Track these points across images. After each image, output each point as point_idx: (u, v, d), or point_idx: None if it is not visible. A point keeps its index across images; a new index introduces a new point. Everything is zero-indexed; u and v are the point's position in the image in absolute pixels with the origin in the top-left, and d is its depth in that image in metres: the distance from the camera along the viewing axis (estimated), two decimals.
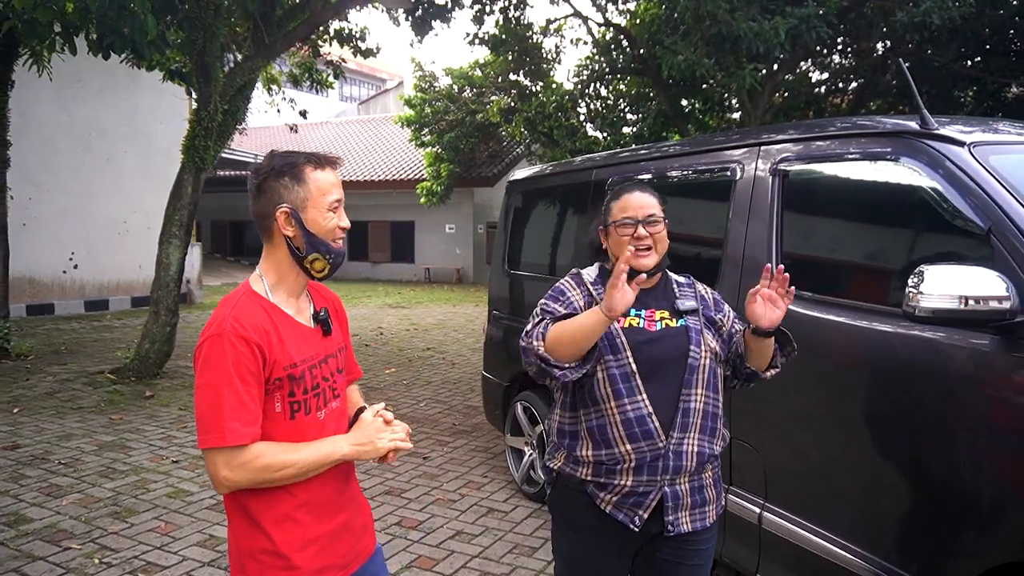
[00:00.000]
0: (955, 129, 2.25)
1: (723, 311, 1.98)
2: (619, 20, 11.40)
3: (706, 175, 3.16)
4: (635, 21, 11.05)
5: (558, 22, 12.40)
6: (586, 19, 11.50)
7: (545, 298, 1.93)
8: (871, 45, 9.79)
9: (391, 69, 37.39)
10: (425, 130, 18.37)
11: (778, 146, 2.79)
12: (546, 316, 1.84)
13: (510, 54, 12.01)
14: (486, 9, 10.52)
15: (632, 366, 1.80)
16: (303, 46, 10.32)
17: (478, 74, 16.51)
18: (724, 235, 2.93)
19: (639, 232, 1.85)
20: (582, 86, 12.57)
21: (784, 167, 2.71)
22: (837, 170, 2.59)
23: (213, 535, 3.68)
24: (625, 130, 13.03)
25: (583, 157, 4.57)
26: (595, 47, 11.89)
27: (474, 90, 17.04)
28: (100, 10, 5.24)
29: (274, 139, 24.13)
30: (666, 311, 1.89)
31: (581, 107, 13.43)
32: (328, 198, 1.51)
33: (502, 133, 17.24)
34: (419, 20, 9.17)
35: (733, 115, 12.27)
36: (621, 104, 13.33)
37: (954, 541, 2.03)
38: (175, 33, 7.14)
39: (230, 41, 7.75)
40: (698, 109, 12.35)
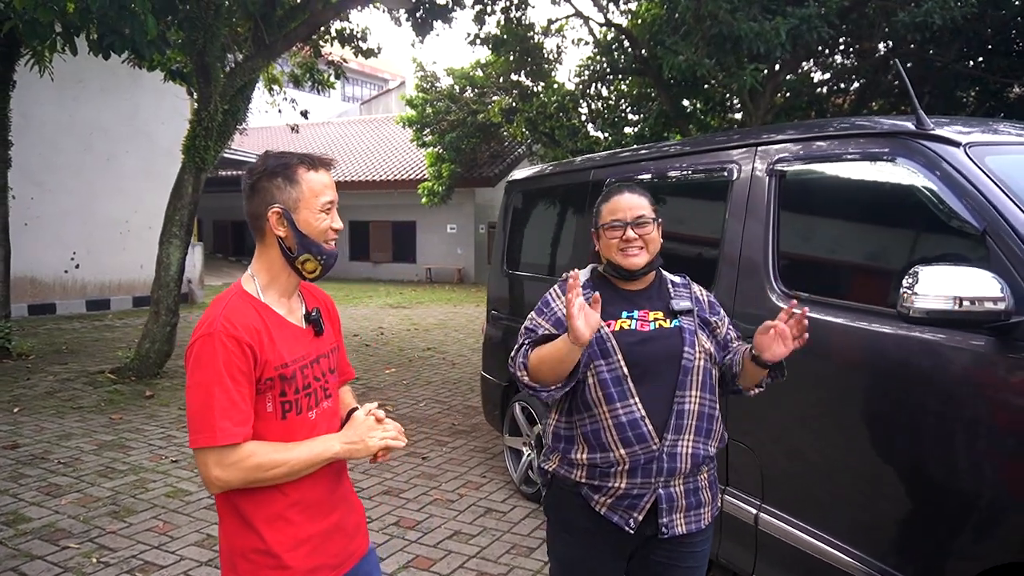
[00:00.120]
0: (951, 130, 2.24)
1: (718, 314, 1.98)
2: (620, 20, 11.40)
3: (704, 175, 3.16)
4: (636, 21, 11.05)
5: (559, 22, 12.41)
6: (587, 19, 11.49)
7: (533, 311, 1.95)
8: (873, 45, 9.77)
9: (393, 69, 37.40)
10: (427, 130, 18.38)
11: (775, 146, 2.78)
12: (527, 339, 1.86)
13: (511, 54, 12.00)
14: (487, 9, 10.52)
15: (623, 369, 1.79)
16: (304, 46, 10.32)
17: (479, 74, 16.51)
18: (721, 235, 2.92)
19: (628, 234, 1.85)
20: (583, 86, 12.57)
21: (781, 167, 2.71)
22: (834, 170, 2.59)
23: (211, 535, 3.68)
24: (626, 130, 13.02)
25: (583, 157, 4.57)
26: (596, 47, 11.88)
27: (475, 90, 17.04)
28: (100, 10, 5.25)
29: (276, 139, 24.16)
30: (660, 311, 1.88)
31: (582, 107, 13.42)
32: (321, 199, 1.51)
33: (503, 133, 17.23)
34: (420, 20, 9.17)
35: (735, 115, 12.26)
36: (622, 104, 13.32)
37: (950, 542, 2.02)
38: (175, 33, 7.15)
39: (231, 41, 7.76)
40: (699, 109, 12.35)
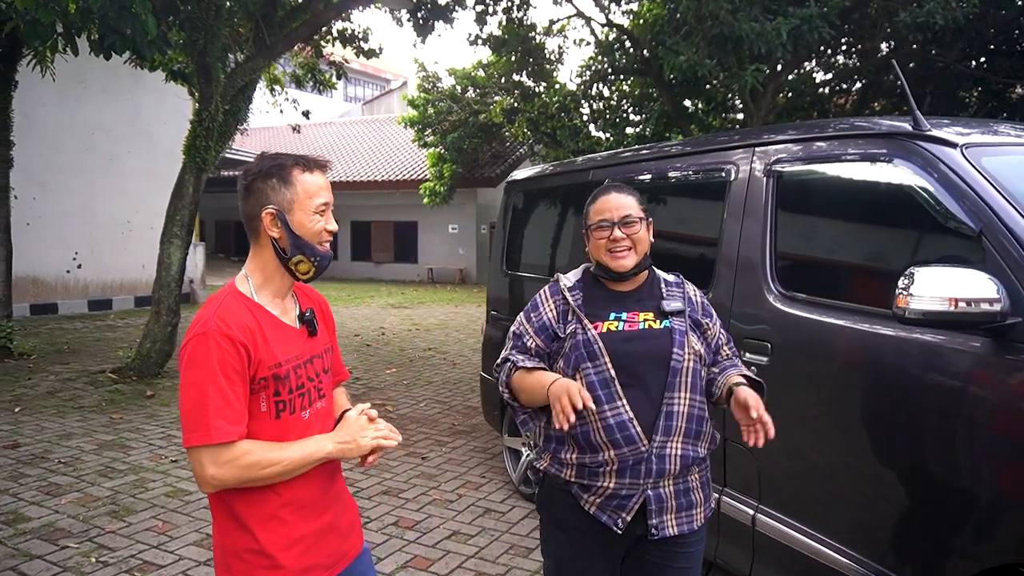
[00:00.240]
0: (948, 131, 2.24)
1: (710, 316, 1.97)
2: (622, 21, 11.40)
3: (703, 175, 3.16)
4: (638, 22, 11.05)
5: (561, 23, 12.41)
6: (589, 19, 11.49)
7: (522, 313, 1.98)
8: (875, 45, 9.76)
9: (395, 69, 37.42)
10: (428, 130, 18.38)
11: (772, 147, 2.78)
12: (514, 349, 1.91)
13: (513, 55, 12.01)
14: (489, 10, 10.52)
15: (610, 372, 1.78)
16: (305, 47, 10.33)
17: (481, 75, 16.53)
18: (719, 235, 2.92)
19: (615, 235, 1.85)
20: (585, 86, 12.57)
21: (779, 168, 2.70)
22: (832, 171, 2.59)
23: (210, 534, 3.68)
24: (628, 131, 13.02)
25: (583, 158, 4.57)
26: (598, 48, 11.88)
27: (477, 90, 17.05)
28: (101, 10, 5.26)
29: (278, 139, 24.19)
30: (651, 312, 1.88)
31: (584, 108, 13.43)
32: (315, 201, 1.51)
33: (505, 134, 17.24)
34: (421, 21, 9.18)
35: (736, 116, 12.25)
36: (624, 105, 13.32)
37: (947, 543, 2.02)
38: (177, 34, 7.16)
39: (232, 42, 7.77)
40: (701, 110, 12.34)
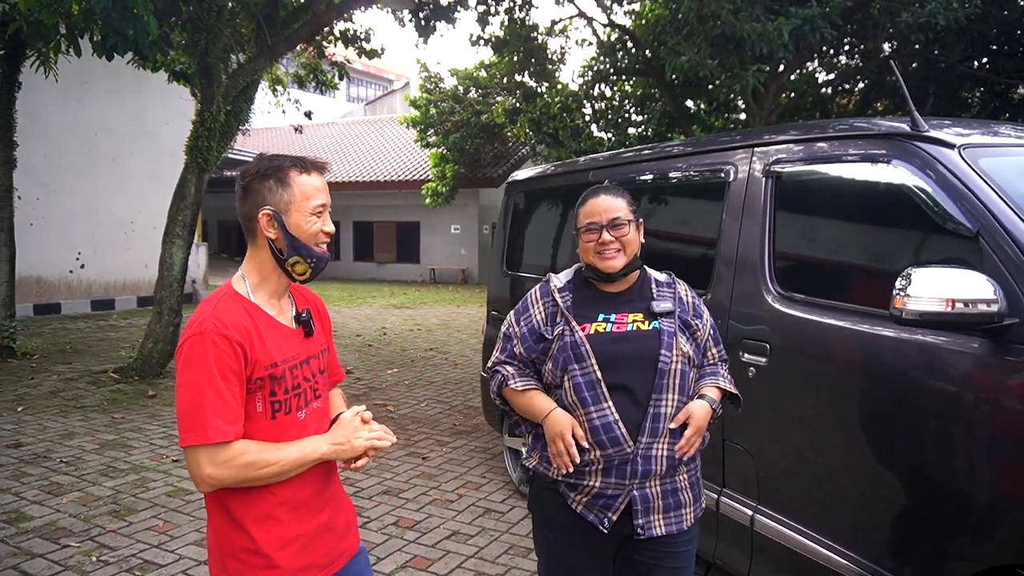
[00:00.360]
0: (947, 132, 2.24)
1: (701, 317, 1.96)
2: (624, 21, 11.40)
3: (702, 176, 3.16)
4: (640, 22, 11.06)
5: (563, 23, 12.40)
6: (591, 20, 11.49)
7: (513, 312, 2.01)
8: (877, 45, 9.75)
9: (398, 70, 37.46)
10: (430, 131, 18.39)
11: (771, 148, 2.78)
12: (504, 355, 1.96)
13: (515, 55, 12.01)
14: (491, 10, 10.53)
15: (596, 373, 1.79)
16: (307, 47, 10.35)
17: (483, 75, 16.54)
18: (718, 235, 2.92)
19: (604, 237, 1.86)
20: (587, 87, 12.57)
21: (778, 168, 2.70)
22: (830, 172, 2.59)
23: None
24: (630, 131, 13.02)
25: (584, 158, 4.58)
26: (600, 48, 11.88)
27: (479, 91, 17.06)
28: (104, 11, 5.27)
29: (280, 140, 24.22)
30: (640, 313, 1.88)
31: (586, 108, 13.43)
32: (312, 202, 1.52)
33: (507, 134, 17.24)
34: (423, 21, 9.18)
35: (739, 116, 12.24)
36: (626, 105, 13.33)
37: (946, 544, 2.02)
38: (179, 34, 7.18)
39: (233, 42, 7.78)
40: (703, 110, 12.33)
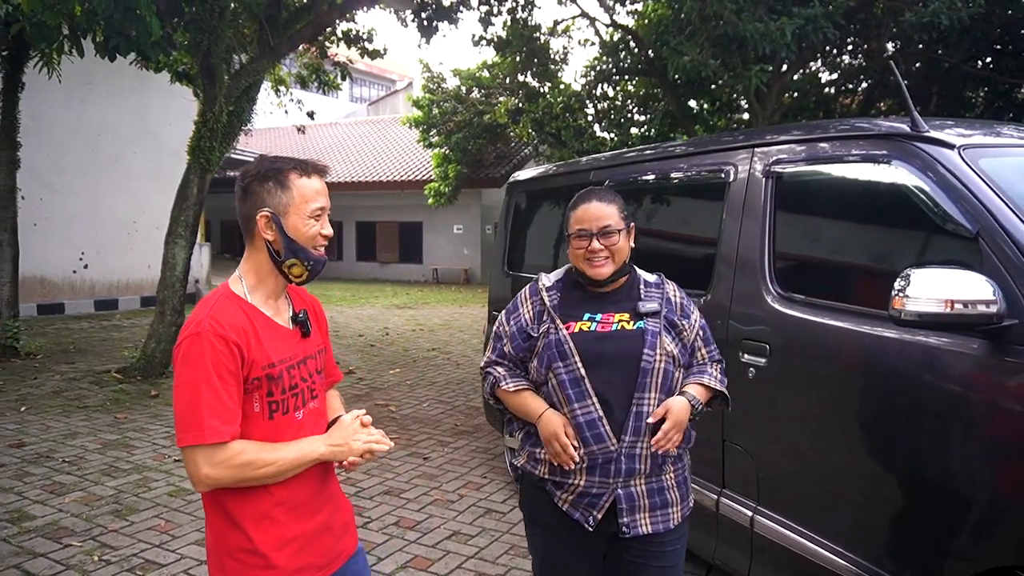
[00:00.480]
0: (947, 132, 2.23)
1: (688, 317, 1.97)
2: (626, 21, 11.39)
3: (703, 176, 3.16)
4: (642, 22, 11.04)
5: (565, 23, 12.39)
6: (593, 20, 11.48)
7: (504, 312, 2.05)
8: (881, 45, 9.73)
9: (401, 70, 37.49)
10: (433, 131, 18.41)
11: (772, 148, 2.78)
12: (495, 355, 2.00)
13: (517, 55, 12.00)
14: (493, 10, 10.53)
15: (580, 371, 1.82)
16: (310, 47, 10.36)
17: (486, 75, 16.54)
18: (718, 235, 2.92)
19: (593, 245, 1.87)
20: (589, 87, 12.56)
21: (778, 169, 2.70)
22: (831, 172, 2.58)
23: None
24: (633, 131, 13.01)
25: (586, 158, 4.58)
26: (602, 48, 11.87)
27: (482, 91, 17.06)
28: (106, 12, 5.29)
29: (283, 140, 24.25)
30: (627, 313, 1.90)
31: (588, 108, 13.42)
32: (311, 205, 1.52)
33: (510, 134, 17.24)
34: (425, 22, 9.19)
35: (742, 116, 12.23)
36: (629, 105, 13.32)
37: (946, 545, 2.01)
38: (181, 35, 7.20)
39: (235, 43, 7.80)
40: (706, 110, 12.32)
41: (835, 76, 11.34)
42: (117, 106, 12.55)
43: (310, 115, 11.30)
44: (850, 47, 10.69)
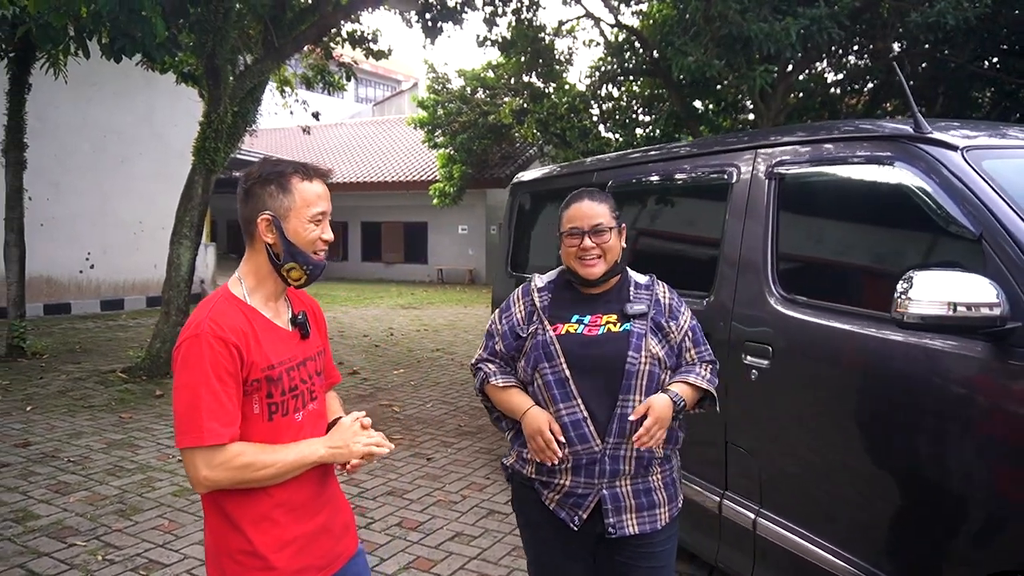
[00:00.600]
0: (951, 133, 2.22)
1: (677, 319, 1.96)
2: (631, 21, 11.38)
3: (706, 177, 3.15)
4: (647, 22, 11.03)
5: (570, 23, 12.40)
6: (598, 20, 11.49)
7: (496, 312, 2.07)
8: (886, 45, 9.69)
9: (406, 71, 37.53)
10: (438, 131, 18.42)
11: (775, 149, 2.77)
12: (486, 354, 2.02)
13: (522, 56, 12.01)
14: (498, 11, 10.54)
15: (565, 372, 1.84)
16: (315, 48, 10.39)
17: (490, 76, 16.54)
18: (721, 237, 2.91)
19: (585, 243, 1.89)
20: (594, 87, 12.56)
21: (781, 170, 2.69)
22: (834, 174, 2.57)
23: None
24: (638, 131, 13.00)
25: (590, 159, 4.58)
26: (607, 48, 11.87)
27: (487, 92, 17.06)
28: (111, 14, 5.32)
29: (288, 141, 24.31)
30: (614, 315, 1.91)
31: (593, 108, 13.41)
32: (312, 210, 1.52)
33: (515, 134, 17.25)
34: (430, 23, 9.20)
35: (747, 116, 12.20)
36: (633, 105, 13.30)
37: (948, 548, 2.00)
38: (186, 36, 7.22)
39: (240, 44, 7.83)
40: (711, 110, 12.30)
41: (841, 76, 11.29)
42: (123, 107, 12.60)
43: (315, 116, 11.33)
44: (856, 47, 10.66)
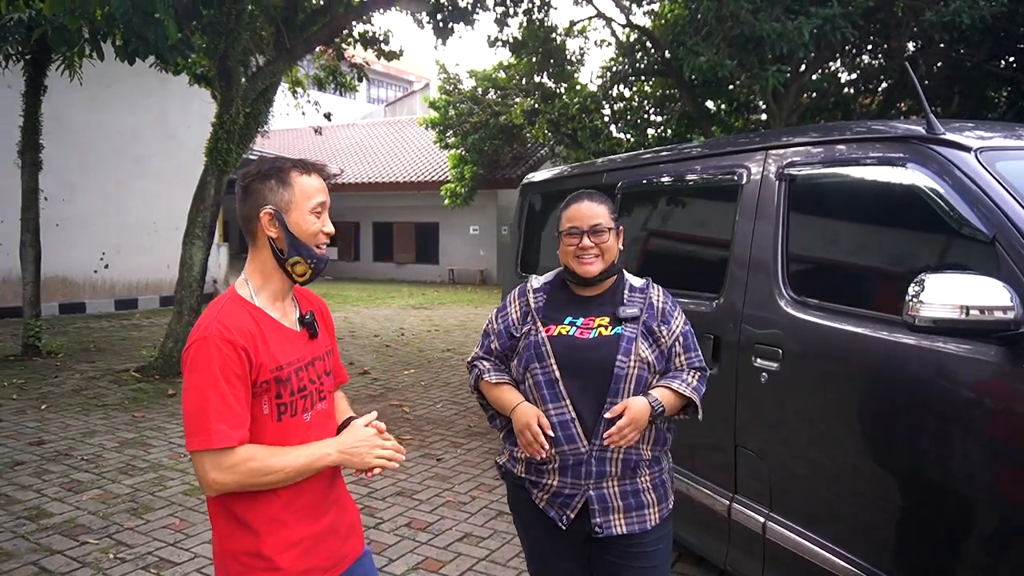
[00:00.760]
0: (964, 134, 2.20)
1: (669, 324, 1.95)
2: (642, 21, 11.34)
3: (716, 178, 3.13)
4: (659, 22, 10.99)
5: (581, 24, 12.36)
6: (609, 21, 11.45)
7: (493, 311, 2.11)
8: (901, 45, 9.59)
9: (418, 71, 37.60)
10: (449, 132, 18.45)
11: (786, 150, 2.75)
12: (482, 351, 2.06)
13: (533, 56, 12.00)
14: (509, 12, 10.53)
15: (556, 373, 1.87)
16: (327, 49, 10.43)
17: (502, 76, 16.54)
18: (731, 238, 2.89)
19: (584, 242, 1.91)
20: (606, 87, 12.52)
21: (792, 171, 2.67)
22: (845, 175, 2.55)
23: None
24: (649, 132, 12.94)
25: (601, 160, 4.57)
26: (618, 49, 11.82)
27: (498, 92, 17.07)
28: (125, 16, 5.36)
29: (300, 141, 24.42)
30: (607, 318, 1.93)
31: (605, 109, 13.37)
32: (312, 201, 1.54)
33: (526, 135, 17.23)
34: (441, 23, 9.21)
35: (759, 116, 12.12)
36: (645, 106, 13.25)
37: (960, 555, 1.98)
38: (199, 38, 7.28)
39: (252, 45, 7.87)
40: (723, 110, 12.23)
41: (854, 76, 11.20)
42: (137, 108, 12.72)
43: (327, 116, 11.37)
44: (869, 47, 10.56)
